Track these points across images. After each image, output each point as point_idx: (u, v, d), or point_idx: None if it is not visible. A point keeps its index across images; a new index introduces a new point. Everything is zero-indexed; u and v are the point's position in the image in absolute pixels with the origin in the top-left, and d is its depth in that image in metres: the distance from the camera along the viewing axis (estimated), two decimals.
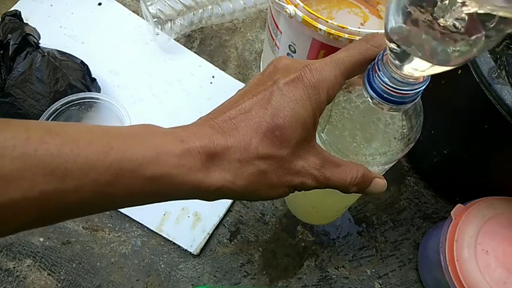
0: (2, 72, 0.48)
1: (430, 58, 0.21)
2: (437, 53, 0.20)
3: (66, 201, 0.21)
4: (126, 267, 0.48)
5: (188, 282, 0.48)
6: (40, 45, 0.51)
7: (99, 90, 0.55)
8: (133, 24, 0.61)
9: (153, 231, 0.50)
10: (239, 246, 0.50)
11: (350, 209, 0.53)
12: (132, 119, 0.50)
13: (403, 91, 0.24)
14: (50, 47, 0.52)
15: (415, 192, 0.54)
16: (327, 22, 0.38)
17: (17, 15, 0.51)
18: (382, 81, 0.24)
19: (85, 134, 0.22)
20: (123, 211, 0.50)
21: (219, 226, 0.51)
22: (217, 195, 0.25)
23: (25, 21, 0.52)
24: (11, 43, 0.48)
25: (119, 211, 0.50)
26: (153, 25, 0.56)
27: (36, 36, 0.51)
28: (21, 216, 0.21)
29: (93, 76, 0.54)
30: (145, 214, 0.50)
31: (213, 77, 0.59)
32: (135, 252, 0.49)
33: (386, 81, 0.24)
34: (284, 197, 0.27)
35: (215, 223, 0.50)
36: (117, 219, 0.50)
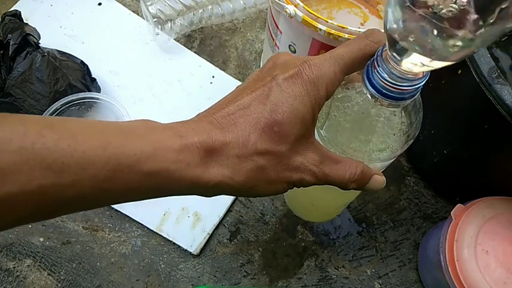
0: (2, 72, 0.48)
1: (429, 53, 0.21)
2: (437, 47, 0.20)
3: (64, 195, 0.21)
4: (126, 267, 0.48)
5: (188, 282, 0.48)
6: (40, 45, 0.51)
7: (99, 90, 0.55)
8: (133, 24, 0.61)
9: (153, 231, 0.50)
10: (239, 246, 0.50)
11: (350, 209, 0.53)
12: (132, 119, 0.50)
13: (402, 87, 0.24)
14: (50, 47, 0.52)
15: (415, 192, 0.54)
16: (327, 22, 0.38)
17: (17, 15, 0.51)
18: (381, 77, 0.24)
19: (83, 128, 0.22)
20: (123, 211, 0.50)
21: (219, 226, 0.51)
22: (216, 191, 0.25)
23: (25, 21, 0.52)
24: (11, 43, 0.48)
25: (119, 211, 0.50)
26: (153, 25, 0.56)
27: (36, 36, 0.51)
28: (18, 210, 0.20)
29: (93, 76, 0.54)
30: (145, 214, 0.50)
31: (213, 77, 0.59)
32: (135, 252, 0.49)
33: (385, 77, 0.24)
34: (283, 193, 0.27)
35: (215, 223, 0.50)
36: (117, 219, 0.50)
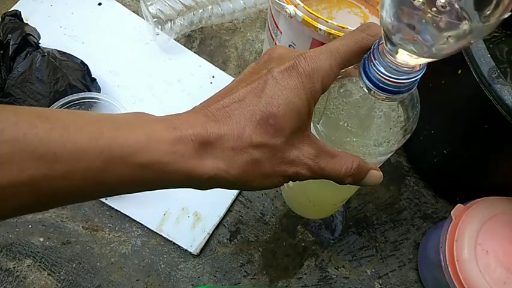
0: (2, 72, 0.48)
1: (425, 45, 0.21)
2: (432, 39, 0.20)
3: (56, 187, 0.21)
4: (126, 267, 0.48)
5: (188, 282, 0.48)
6: (40, 45, 0.51)
7: (99, 90, 0.55)
8: (133, 24, 0.61)
9: (153, 231, 0.50)
10: (239, 246, 0.50)
11: (350, 209, 0.53)
12: None
13: (399, 80, 0.24)
14: (50, 47, 0.52)
15: (415, 192, 0.54)
16: (327, 22, 0.38)
17: (17, 15, 0.51)
18: (377, 70, 0.24)
19: (76, 120, 0.22)
20: (123, 211, 0.50)
21: (219, 226, 0.51)
22: (210, 183, 0.25)
23: (25, 21, 0.52)
24: (11, 43, 0.48)
25: (119, 211, 0.50)
26: (153, 25, 0.56)
27: (36, 36, 0.51)
28: (10, 202, 0.20)
29: (93, 76, 0.54)
30: (145, 214, 0.50)
31: (213, 77, 0.59)
32: (135, 252, 0.49)
33: (382, 70, 0.24)
34: (278, 186, 0.27)
35: (215, 223, 0.50)
36: (117, 219, 0.50)
